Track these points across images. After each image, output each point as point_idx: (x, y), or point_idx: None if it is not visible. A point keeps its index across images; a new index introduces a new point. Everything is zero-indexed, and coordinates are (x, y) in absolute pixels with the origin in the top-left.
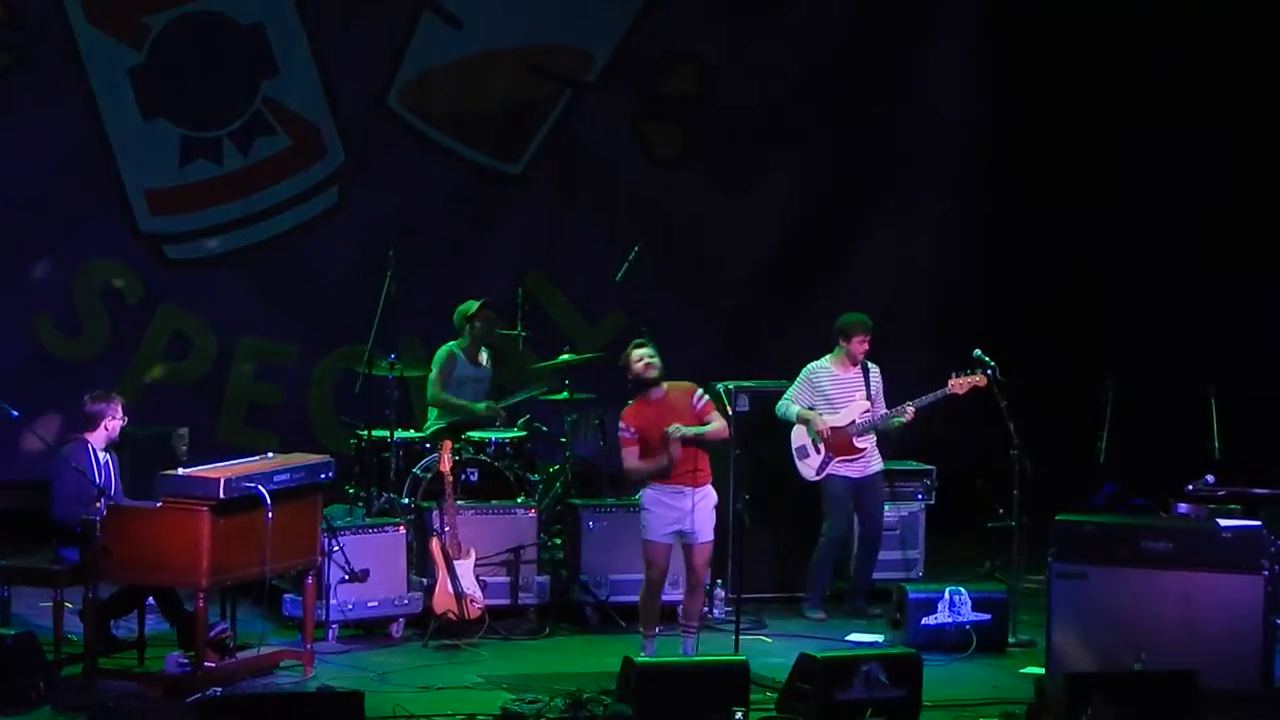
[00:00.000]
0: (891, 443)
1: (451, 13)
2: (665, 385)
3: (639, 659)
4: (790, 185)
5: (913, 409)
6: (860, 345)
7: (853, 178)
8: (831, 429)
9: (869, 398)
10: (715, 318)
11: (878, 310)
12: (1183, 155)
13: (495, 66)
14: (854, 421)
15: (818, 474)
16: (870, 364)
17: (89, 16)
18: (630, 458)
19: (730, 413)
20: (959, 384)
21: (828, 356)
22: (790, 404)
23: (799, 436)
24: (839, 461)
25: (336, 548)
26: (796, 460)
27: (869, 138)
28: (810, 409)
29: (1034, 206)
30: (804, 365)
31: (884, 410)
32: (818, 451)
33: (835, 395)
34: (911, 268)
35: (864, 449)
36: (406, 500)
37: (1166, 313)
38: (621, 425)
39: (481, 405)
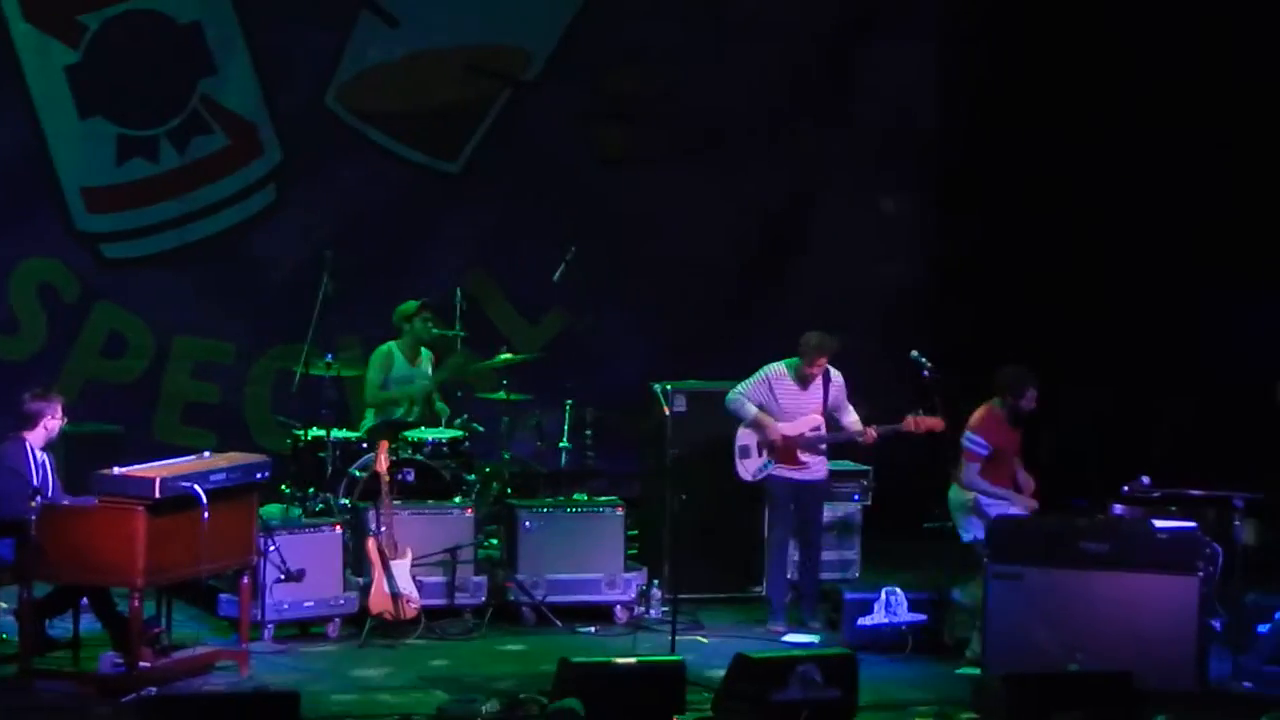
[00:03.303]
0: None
1: (389, 12)
2: None
3: (575, 659)
4: (738, 185)
5: (875, 433)
6: (812, 370)
7: (803, 177)
8: (783, 437)
9: (824, 411)
10: (657, 318)
11: (827, 310)
12: (1135, 158)
13: (433, 65)
14: (803, 434)
15: (753, 477)
16: (833, 371)
17: (25, 14)
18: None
19: (667, 413)
20: (915, 423)
21: (788, 364)
22: (746, 401)
23: (745, 436)
24: (780, 466)
25: (272, 547)
26: (737, 458)
27: (819, 137)
28: (761, 407)
29: (987, 208)
30: (744, 366)
31: (849, 423)
32: (759, 454)
33: (789, 405)
34: (862, 268)
35: (807, 463)
36: (343, 500)
37: (1109, 316)
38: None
39: (416, 386)
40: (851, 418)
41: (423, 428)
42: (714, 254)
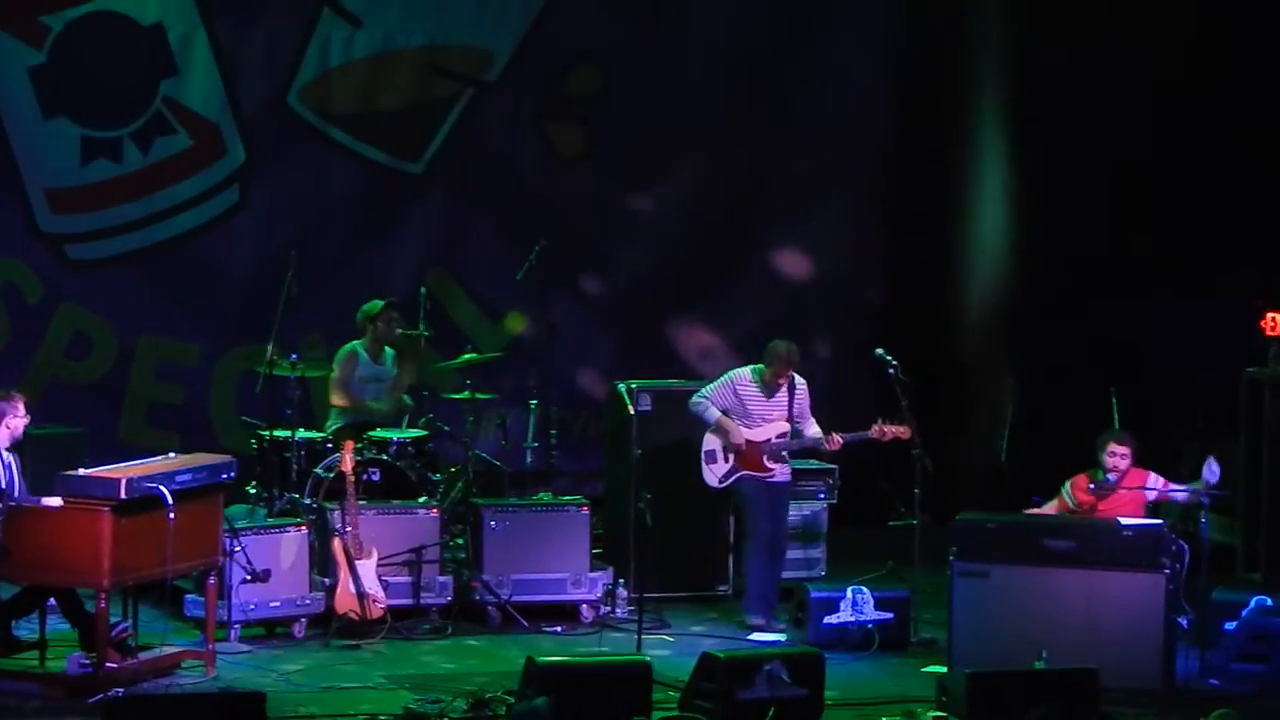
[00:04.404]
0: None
1: (351, 12)
2: None
3: (541, 659)
4: (693, 184)
5: (840, 440)
6: (777, 379)
7: (756, 176)
8: (747, 442)
9: (790, 419)
10: (618, 317)
11: (782, 309)
12: (1082, 158)
13: (395, 65)
14: (769, 440)
15: (720, 482)
16: (798, 379)
17: None
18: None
19: (632, 412)
20: (882, 431)
21: (753, 369)
22: (710, 405)
23: (711, 441)
24: (746, 472)
25: (238, 548)
26: (703, 464)
27: (773, 137)
28: (725, 412)
29: (937, 206)
30: (704, 366)
31: (811, 434)
32: (726, 460)
33: (755, 410)
34: (816, 266)
35: (772, 469)
36: (308, 500)
37: (1069, 312)
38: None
39: (385, 404)
40: (814, 430)
41: (388, 427)
42: (668, 253)
